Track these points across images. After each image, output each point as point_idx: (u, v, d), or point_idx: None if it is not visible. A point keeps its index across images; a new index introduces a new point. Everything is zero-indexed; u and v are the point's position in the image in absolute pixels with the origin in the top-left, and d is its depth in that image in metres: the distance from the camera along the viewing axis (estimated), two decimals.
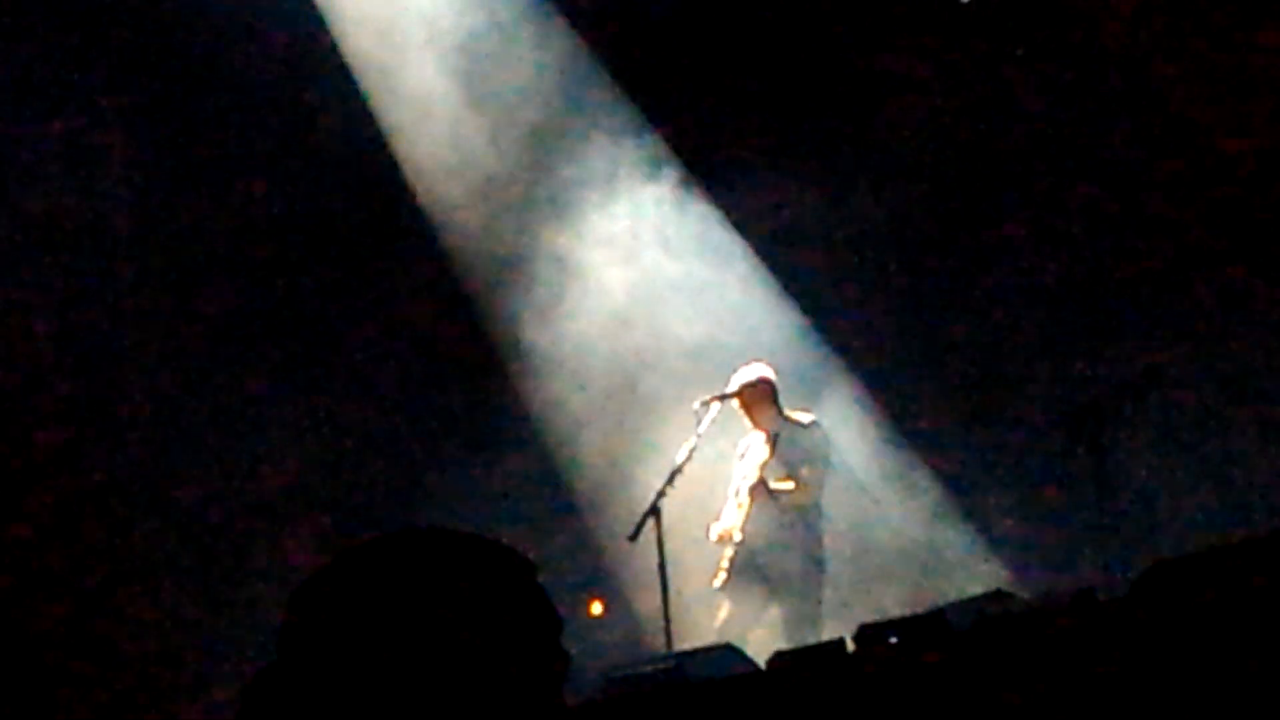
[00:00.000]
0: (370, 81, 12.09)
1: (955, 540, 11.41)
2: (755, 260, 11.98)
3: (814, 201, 11.70)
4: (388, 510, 11.70)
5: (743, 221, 12.02)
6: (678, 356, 11.55)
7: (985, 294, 11.69)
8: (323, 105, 12.06)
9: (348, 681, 1.97)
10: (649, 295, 11.79)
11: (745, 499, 10.24)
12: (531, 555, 2.15)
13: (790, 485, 10.10)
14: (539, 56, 12.00)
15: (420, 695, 1.97)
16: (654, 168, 11.91)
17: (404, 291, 12.36)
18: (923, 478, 11.62)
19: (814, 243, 11.94)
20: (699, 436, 10.01)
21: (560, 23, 12.07)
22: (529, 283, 11.99)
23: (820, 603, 10.10)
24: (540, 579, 2.08)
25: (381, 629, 1.98)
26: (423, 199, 12.19)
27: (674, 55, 12.06)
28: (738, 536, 10.21)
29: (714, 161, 12.03)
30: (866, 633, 5.52)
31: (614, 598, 11.74)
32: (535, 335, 11.93)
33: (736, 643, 8.16)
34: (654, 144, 11.98)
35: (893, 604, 10.01)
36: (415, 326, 12.34)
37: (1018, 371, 11.41)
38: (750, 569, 10.13)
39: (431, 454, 12.25)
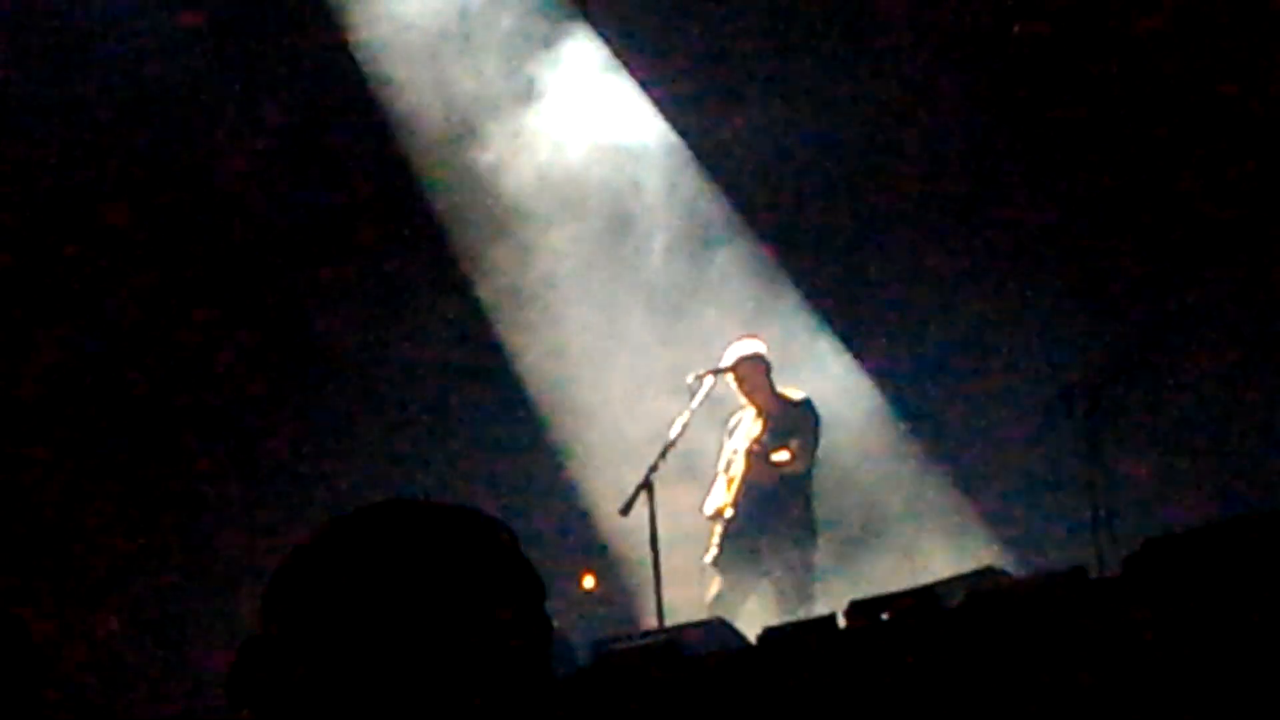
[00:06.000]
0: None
1: (946, 515, 11.42)
2: (745, 229, 12.00)
3: (807, 170, 11.72)
4: (379, 485, 11.68)
5: (733, 187, 12.04)
6: (667, 327, 11.56)
7: (981, 269, 11.67)
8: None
9: (331, 652, 1.97)
10: (639, 268, 11.82)
11: (737, 474, 10.24)
12: (523, 528, 2.14)
13: (784, 456, 10.10)
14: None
15: (404, 664, 1.97)
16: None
17: (394, 270, 12.31)
18: (914, 453, 11.63)
19: (807, 215, 11.96)
20: (692, 411, 10.00)
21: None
22: (521, 257, 11.99)
23: (812, 574, 10.11)
24: (524, 548, 2.07)
25: (364, 600, 1.98)
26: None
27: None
28: (729, 512, 10.21)
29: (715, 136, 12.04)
30: (857, 608, 5.52)
31: (606, 571, 11.75)
32: (528, 309, 11.94)
33: (728, 617, 8.18)
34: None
35: (883, 580, 10.01)
36: (408, 304, 12.29)
37: (1011, 346, 11.39)
38: (742, 543, 10.14)
39: (425, 429, 12.24)
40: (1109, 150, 11.27)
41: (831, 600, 8.59)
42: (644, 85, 12.05)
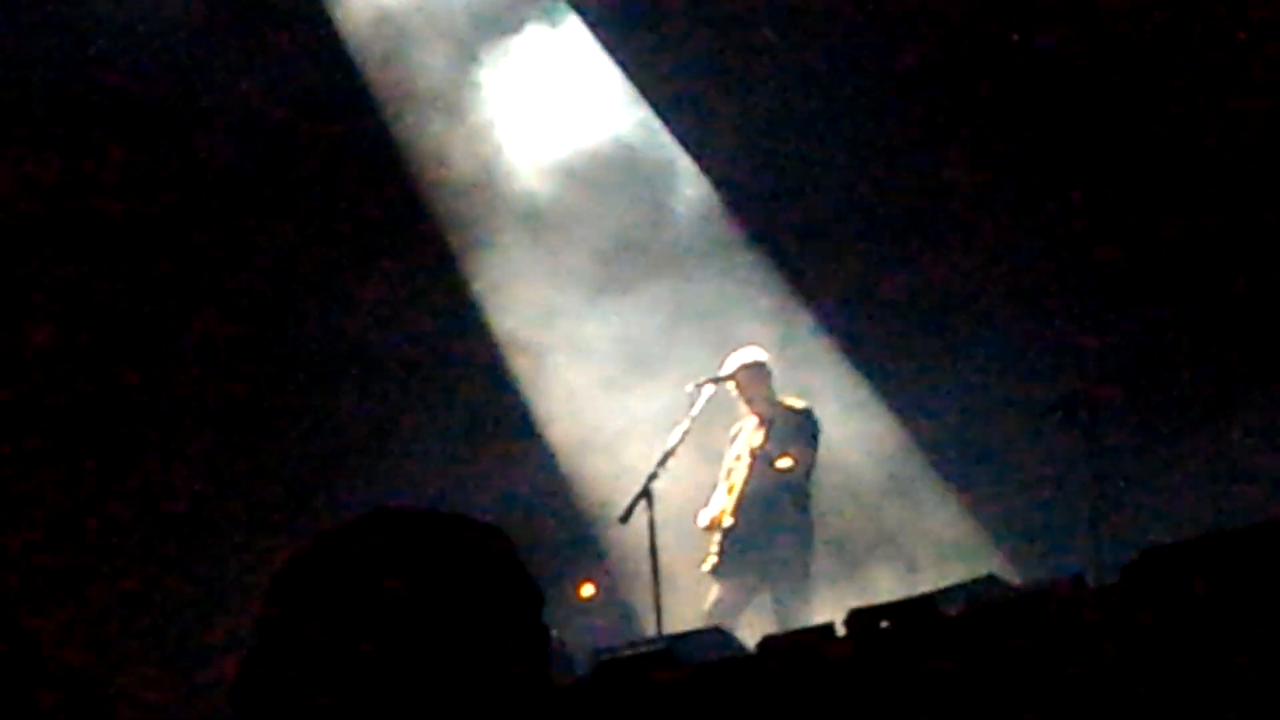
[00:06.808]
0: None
1: (947, 524, 11.41)
2: (747, 241, 11.99)
3: (805, 176, 11.72)
4: (375, 491, 11.66)
5: (736, 204, 12.03)
6: (668, 335, 11.52)
7: (979, 276, 11.67)
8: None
9: (330, 663, 1.97)
10: (640, 266, 11.79)
11: (737, 481, 10.23)
12: (521, 536, 2.14)
13: (787, 462, 10.08)
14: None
15: (402, 673, 1.97)
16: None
17: (392, 273, 12.30)
18: (913, 461, 11.62)
19: (807, 228, 11.95)
20: (692, 419, 10.00)
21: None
22: (517, 260, 11.98)
23: (811, 582, 10.10)
24: (522, 556, 2.07)
25: (361, 609, 1.98)
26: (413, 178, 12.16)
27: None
28: (728, 521, 10.20)
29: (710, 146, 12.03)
30: (857, 617, 5.52)
31: (605, 580, 11.73)
32: (524, 316, 11.91)
33: (727, 625, 8.18)
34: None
35: (883, 589, 10.01)
36: (406, 309, 12.27)
37: (1011, 355, 11.38)
38: (740, 552, 10.13)
39: (424, 437, 12.22)
40: (1111, 159, 11.27)
41: (831, 609, 8.58)
42: (642, 89, 12.04)
